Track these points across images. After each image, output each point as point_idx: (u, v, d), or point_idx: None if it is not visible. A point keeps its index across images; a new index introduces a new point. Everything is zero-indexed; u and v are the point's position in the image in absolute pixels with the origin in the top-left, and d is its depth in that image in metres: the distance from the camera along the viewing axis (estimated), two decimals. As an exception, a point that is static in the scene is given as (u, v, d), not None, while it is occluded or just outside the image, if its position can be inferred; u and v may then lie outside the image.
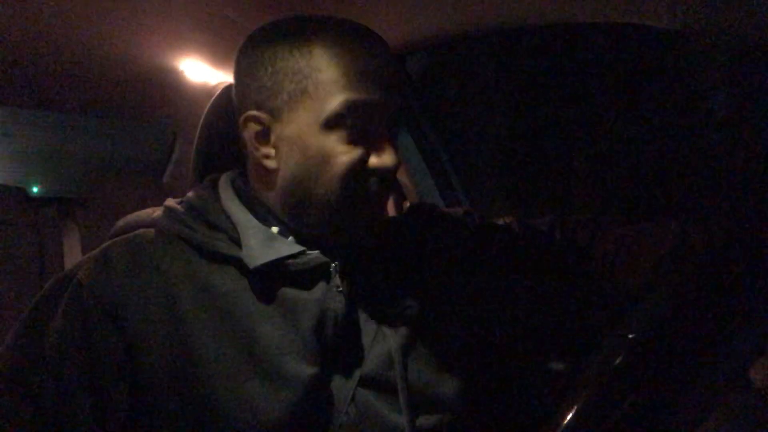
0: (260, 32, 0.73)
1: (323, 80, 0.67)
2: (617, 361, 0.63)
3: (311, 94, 0.67)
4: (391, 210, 1.55)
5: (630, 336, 0.64)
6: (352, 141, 0.68)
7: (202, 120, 0.88)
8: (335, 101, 0.66)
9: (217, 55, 1.43)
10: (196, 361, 0.64)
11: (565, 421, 0.59)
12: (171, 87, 1.59)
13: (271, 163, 0.71)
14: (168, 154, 1.98)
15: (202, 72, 1.52)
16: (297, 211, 0.71)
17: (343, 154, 0.67)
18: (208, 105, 0.89)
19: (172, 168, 1.97)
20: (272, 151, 0.71)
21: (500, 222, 0.94)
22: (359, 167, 0.68)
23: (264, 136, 0.71)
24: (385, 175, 0.69)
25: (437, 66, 1.74)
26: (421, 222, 0.87)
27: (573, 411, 0.60)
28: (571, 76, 1.59)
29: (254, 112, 0.71)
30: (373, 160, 0.69)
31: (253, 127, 0.71)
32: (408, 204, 1.57)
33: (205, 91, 1.58)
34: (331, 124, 0.67)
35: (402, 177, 1.59)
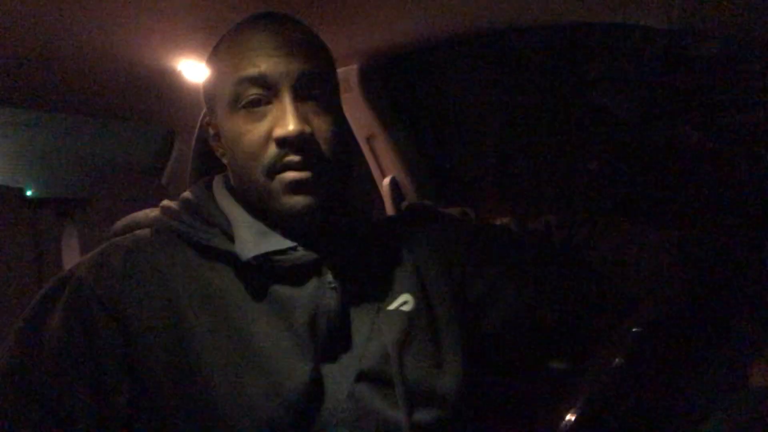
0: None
1: (222, 68, 0.73)
2: (617, 360, 0.63)
3: (218, 83, 0.74)
4: (389, 210, 1.55)
5: (630, 334, 0.64)
6: (254, 118, 0.70)
7: (199, 121, 0.88)
8: (230, 82, 0.71)
9: (215, 55, 1.43)
10: (194, 359, 0.65)
11: (565, 421, 0.59)
12: (169, 88, 1.59)
13: (225, 160, 0.77)
14: (166, 154, 1.98)
15: (200, 73, 1.51)
16: (253, 202, 0.74)
17: (247, 132, 0.70)
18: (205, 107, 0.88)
19: (171, 169, 1.97)
20: (222, 149, 0.77)
21: (497, 222, 0.94)
22: (263, 141, 0.70)
23: (217, 137, 0.77)
24: (288, 143, 0.69)
25: (437, 66, 1.74)
26: (417, 221, 0.87)
27: (573, 411, 0.60)
28: (571, 76, 1.59)
29: (208, 117, 0.78)
30: (277, 131, 0.69)
31: (211, 131, 0.78)
32: (406, 204, 1.57)
33: (204, 92, 1.57)
34: (234, 103, 0.71)
35: (400, 177, 1.59)
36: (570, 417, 0.59)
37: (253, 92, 0.70)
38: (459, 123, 1.81)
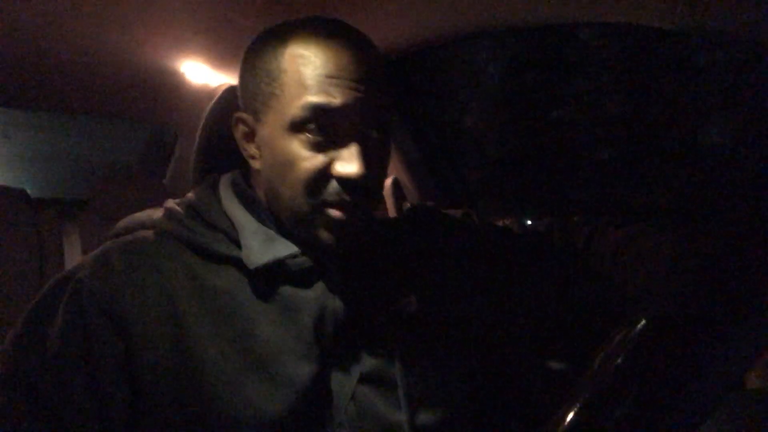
0: (257, 36, 0.75)
1: (289, 82, 0.67)
2: (618, 360, 0.63)
3: (279, 96, 0.68)
4: (391, 211, 1.56)
5: (631, 334, 0.64)
6: (316, 146, 0.67)
7: (202, 121, 0.88)
8: (298, 104, 0.66)
9: (217, 57, 1.44)
10: (196, 362, 0.64)
11: (565, 421, 0.59)
12: (172, 89, 1.60)
13: (255, 164, 0.73)
14: (168, 155, 1.98)
15: (203, 74, 1.52)
16: (276, 209, 0.72)
17: (305, 159, 0.67)
18: (209, 107, 0.89)
19: (173, 169, 1.97)
20: (257, 152, 0.73)
21: (499, 223, 0.95)
22: (321, 174, 0.67)
23: (250, 137, 0.73)
24: (350, 184, 0.67)
25: (438, 66, 1.75)
26: (420, 223, 0.87)
27: (573, 411, 0.60)
28: (571, 76, 1.59)
29: (241, 114, 0.73)
30: (337, 168, 0.67)
31: (241, 128, 0.74)
32: (408, 205, 1.57)
33: (206, 93, 1.58)
34: (296, 127, 0.67)
35: (402, 177, 1.59)
36: (570, 417, 0.59)
37: (323, 121, 0.66)
38: (460, 123, 1.81)
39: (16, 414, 0.62)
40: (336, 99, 0.66)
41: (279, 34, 0.71)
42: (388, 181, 1.57)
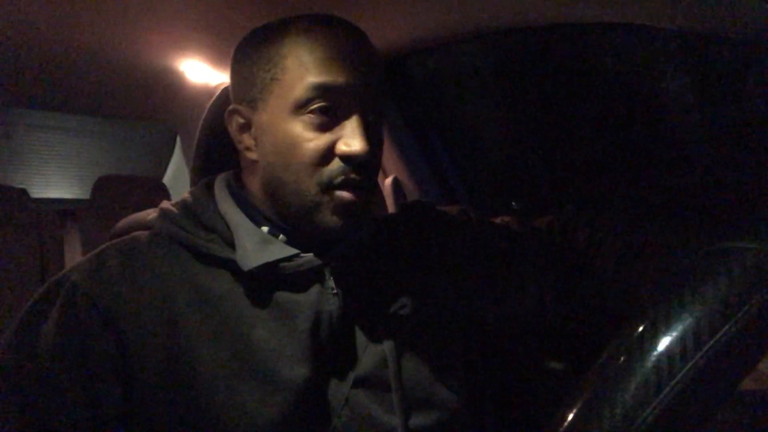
0: (251, 31, 0.76)
1: (290, 66, 0.68)
2: (619, 361, 0.62)
3: (280, 80, 0.69)
4: (391, 211, 1.55)
5: (632, 335, 0.64)
6: (319, 127, 0.68)
7: (202, 121, 0.88)
8: (301, 85, 0.67)
9: (217, 56, 1.43)
10: (191, 364, 0.64)
11: (566, 422, 0.59)
12: (172, 88, 1.60)
13: (252, 155, 0.72)
14: (168, 155, 1.99)
15: (202, 73, 1.52)
16: (276, 203, 0.72)
17: (309, 140, 0.67)
18: (208, 106, 0.89)
19: (172, 168, 1.98)
20: (253, 142, 0.72)
21: (498, 221, 0.94)
22: (325, 154, 0.68)
23: (246, 128, 0.73)
24: (354, 162, 0.67)
25: (438, 66, 1.74)
26: (416, 221, 0.87)
27: (573, 411, 0.60)
28: (570, 76, 1.59)
29: (236, 106, 0.73)
30: (341, 147, 0.67)
31: (237, 120, 0.73)
32: (403, 203, 1.56)
33: (206, 92, 1.58)
34: (299, 109, 0.67)
35: (402, 177, 1.59)
36: (570, 418, 0.59)
37: (326, 100, 0.67)
38: (461, 123, 1.81)
39: (9, 416, 0.62)
40: (339, 78, 0.67)
41: (277, 25, 0.72)
42: (388, 181, 1.57)
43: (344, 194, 0.68)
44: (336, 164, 0.68)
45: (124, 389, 0.64)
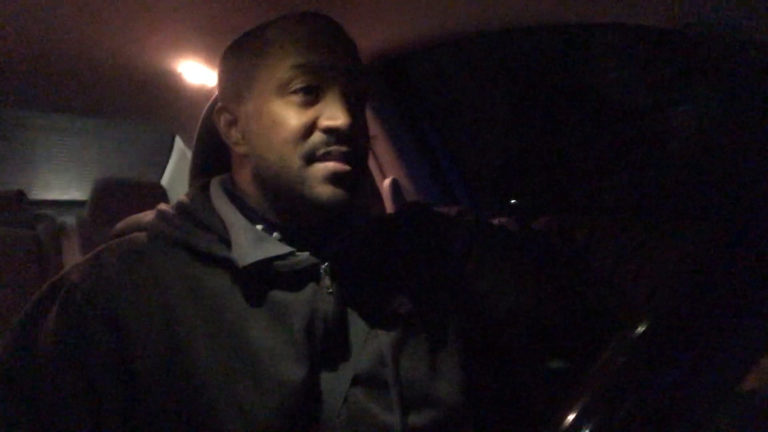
0: (231, 44, 0.79)
1: (274, 51, 0.72)
2: (619, 361, 0.62)
3: (264, 66, 0.72)
4: (390, 211, 1.55)
5: (633, 335, 0.63)
6: (302, 105, 0.70)
7: (200, 122, 0.88)
8: (284, 66, 0.70)
9: (215, 57, 1.42)
10: (189, 363, 0.64)
11: (566, 423, 0.59)
12: (170, 89, 1.59)
13: (241, 149, 0.74)
14: (166, 157, 1.99)
15: (200, 74, 1.52)
16: (266, 192, 0.73)
17: (292, 117, 0.69)
18: (206, 107, 0.89)
19: (171, 170, 1.97)
20: (240, 136, 0.74)
21: (495, 222, 0.94)
22: (307, 128, 0.69)
23: (233, 123, 0.75)
24: (337, 134, 0.69)
25: (438, 66, 1.75)
26: (413, 221, 0.87)
27: (573, 412, 0.60)
28: (570, 76, 1.59)
29: (223, 104, 0.76)
30: (323, 122, 0.69)
31: (225, 117, 0.76)
32: (400, 203, 1.57)
33: (204, 93, 1.58)
34: (282, 89, 0.70)
35: (401, 178, 1.59)
36: (570, 417, 0.59)
37: (307, 79, 0.70)
38: (460, 123, 1.81)
39: (10, 416, 0.62)
40: (319, 57, 0.70)
41: (258, 26, 0.76)
42: (388, 181, 1.57)
43: (328, 164, 0.69)
44: (318, 136, 0.69)
45: (124, 388, 0.64)
